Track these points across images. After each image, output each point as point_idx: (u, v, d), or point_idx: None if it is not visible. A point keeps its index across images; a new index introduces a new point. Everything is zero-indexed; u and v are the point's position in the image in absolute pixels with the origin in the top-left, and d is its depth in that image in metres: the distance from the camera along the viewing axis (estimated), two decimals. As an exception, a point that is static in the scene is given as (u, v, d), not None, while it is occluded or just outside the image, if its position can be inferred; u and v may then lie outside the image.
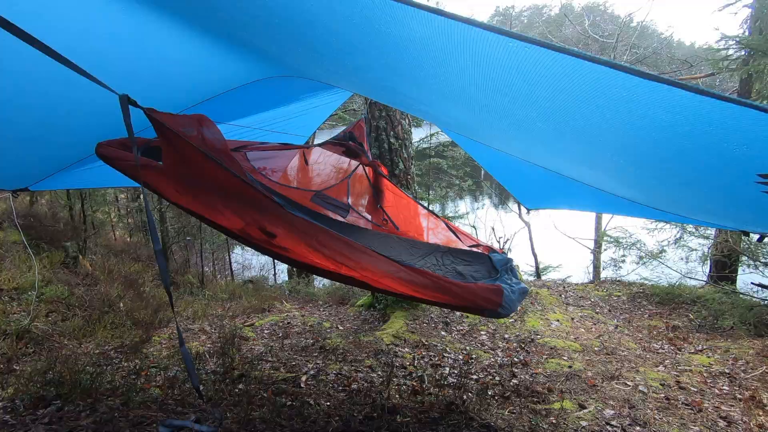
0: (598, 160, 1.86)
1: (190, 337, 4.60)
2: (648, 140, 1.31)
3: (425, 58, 1.44)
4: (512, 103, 1.49)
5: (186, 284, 7.76)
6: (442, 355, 3.84)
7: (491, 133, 2.39)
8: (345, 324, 5.12)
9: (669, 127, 1.15)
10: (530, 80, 1.20)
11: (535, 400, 2.95)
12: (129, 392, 2.50)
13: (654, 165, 1.57)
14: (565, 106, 1.33)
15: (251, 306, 6.12)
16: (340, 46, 1.78)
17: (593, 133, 1.45)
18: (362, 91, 3.03)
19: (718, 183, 1.45)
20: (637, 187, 2.11)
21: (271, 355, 3.87)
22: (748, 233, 2.42)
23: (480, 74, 1.33)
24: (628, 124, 1.25)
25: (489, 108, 1.73)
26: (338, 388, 2.97)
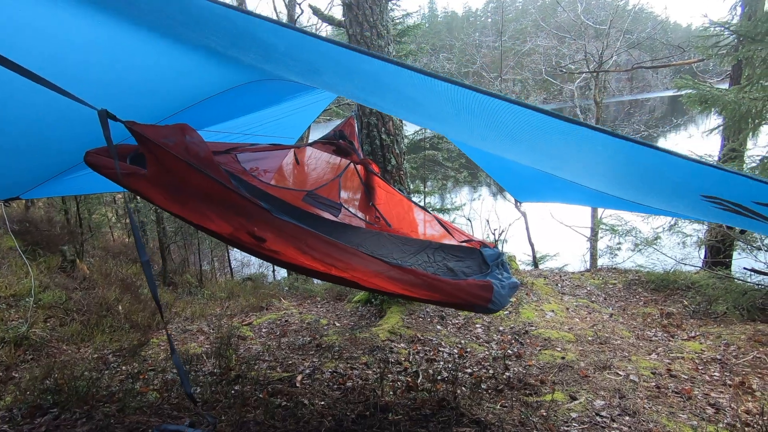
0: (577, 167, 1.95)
1: (188, 338, 4.64)
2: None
3: (381, 81, 1.59)
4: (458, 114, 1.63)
5: (185, 284, 7.81)
6: (437, 350, 3.89)
7: (462, 134, 2.48)
8: (342, 320, 5.17)
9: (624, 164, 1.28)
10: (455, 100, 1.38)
11: (527, 393, 2.99)
12: (125, 398, 2.53)
13: (628, 181, 1.67)
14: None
15: (249, 304, 6.17)
16: (308, 68, 1.84)
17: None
18: (340, 93, 3.07)
19: (678, 196, 1.56)
20: (615, 187, 2.17)
21: (268, 354, 3.91)
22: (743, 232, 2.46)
23: (415, 91, 1.51)
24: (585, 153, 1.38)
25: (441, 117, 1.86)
26: (333, 386, 3.01)
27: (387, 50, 4.84)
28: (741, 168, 5.74)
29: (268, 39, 1.50)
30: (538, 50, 13.41)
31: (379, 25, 4.74)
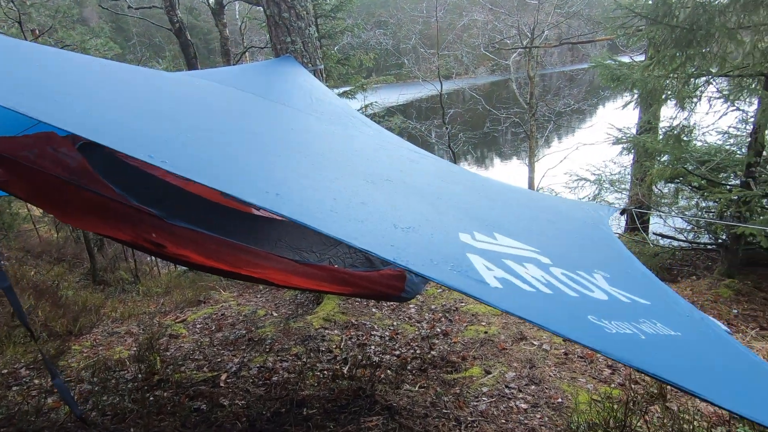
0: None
1: (115, 341, 4.45)
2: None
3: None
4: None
5: (117, 281, 7.42)
6: (369, 334, 3.98)
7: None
8: (280, 309, 5.14)
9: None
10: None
11: (448, 370, 3.15)
12: (21, 422, 2.41)
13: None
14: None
15: (186, 299, 5.98)
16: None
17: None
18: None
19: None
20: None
21: (199, 353, 3.84)
22: (624, 211, 2.66)
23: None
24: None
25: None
26: (258, 382, 3.02)
27: (308, 32, 4.67)
28: (656, 138, 6.16)
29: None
30: (477, 24, 13.52)
31: (298, 6, 4.54)
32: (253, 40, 14.39)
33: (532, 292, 0.87)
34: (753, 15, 4.01)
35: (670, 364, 0.83)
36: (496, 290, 0.83)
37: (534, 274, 0.95)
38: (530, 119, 11.44)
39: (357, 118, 2.87)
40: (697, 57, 4.40)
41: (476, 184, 2.00)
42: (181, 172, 0.83)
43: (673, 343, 0.91)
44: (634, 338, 0.84)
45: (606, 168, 7.94)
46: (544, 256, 1.10)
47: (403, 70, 15.22)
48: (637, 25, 4.55)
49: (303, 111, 2.33)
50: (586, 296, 0.95)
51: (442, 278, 0.81)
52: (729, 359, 0.95)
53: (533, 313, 0.80)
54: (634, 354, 0.80)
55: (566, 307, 0.88)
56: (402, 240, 0.92)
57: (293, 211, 0.84)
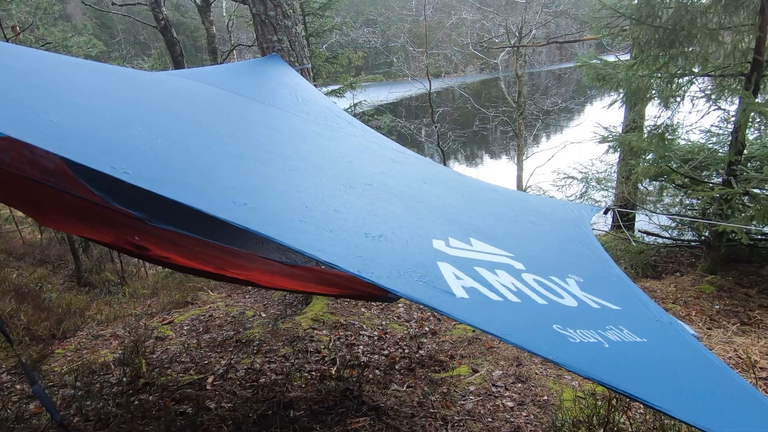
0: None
1: (100, 344, 4.39)
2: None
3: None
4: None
5: (103, 283, 7.32)
6: (358, 334, 3.98)
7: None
8: (269, 310, 5.12)
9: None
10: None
11: (436, 370, 3.17)
12: (1, 428, 2.36)
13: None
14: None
15: (173, 300, 5.91)
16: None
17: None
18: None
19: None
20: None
21: (186, 355, 3.80)
22: (608, 210, 2.72)
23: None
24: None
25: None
26: (245, 384, 3.00)
27: (295, 30, 4.64)
28: (641, 137, 6.24)
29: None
30: (465, 23, 13.55)
31: (285, 4, 4.51)
32: (241, 38, 14.25)
33: (499, 302, 0.87)
34: (734, 16, 4.08)
35: (629, 374, 0.84)
36: (461, 301, 0.83)
37: (505, 281, 0.96)
38: (518, 118, 11.52)
39: (343, 118, 2.86)
40: (680, 57, 4.46)
41: (460, 185, 2.01)
42: (144, 183, 0.81)
43: (636, 350, 0.92)
44: (597, 347, 0.85)
45: (593, 166, 8.03)
46: (518, 262, 1.11)
47: (392, 69, 15.20)
48: (621, 25, 4.60)
49: (288, 111, 2.31)
50: (555, 303, 0.96)
51: (405, 291, 0.81)
52: (691, 366, 0.97)
53: (496, 326, 0.80)
54: (594, 365, 0.81)
55: (532, 317, 0.89)
56: (371, 250, 0.91)
57: (260, 222, 0.83)
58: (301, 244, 0.80)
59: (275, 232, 0.80)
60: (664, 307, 4.52)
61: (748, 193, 4.46)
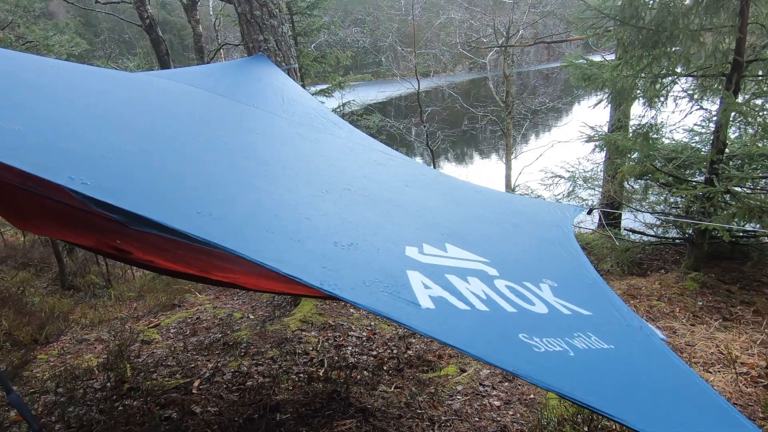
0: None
1: (84, 348, 4.32)
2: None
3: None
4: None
5: (88, 286, 7.20)
6: (347, 335, 3.97)
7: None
8: (257, 312, 5.08)
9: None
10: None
11: (424, 370, 3.17)
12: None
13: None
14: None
15: (160, 303, 5.84)
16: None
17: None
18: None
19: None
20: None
21: (172, 358, 3.76)
22: (591, 211, 2.74)
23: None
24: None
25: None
26: (232, 388, 2.97)
27: (281, 30, 4.60)
28: (626, 136, 6.32)
29: None
30: (453, 23, 13.60)
31: (270, 3, 4.47)
32: (228, 37, 14.11)
33: (466, 311, 0.87)
34: (714, 17, 4.14)
35: (590, 384, 0.84)
36: (426, 312, 0.83)
37: (475, 289, 0.96)
38: (507, 117, 11.59)
39: (329, 119, 2.85)
40: (663, 57, 4.52)
41: (444, 187, 2.01)
42: (101, 194, 0.79)
43: (602, 358, 0.92)
44: (561, 356, 0.85)
45: (580, 165, 8.09)
46: (493, 267, 1.11)
47: (381, 68, 15.19)
48: (606, 26, 4.65)
49: (273, 113, 2.29)
50: (524, 311, 0.96)
51: (368, 303, 0.81)
52: (657, 372, 0.98)
53: (458, 337, 0.80)
54: (556, 376, 0.81)
55: (498, 326, 0.89)
56: (338, 260, 0.90)
57: (222, 233, 0.81)
58: (263, 256, 0.78)
59: (236, 244, 0.79)
60: (649, 304, 4.59)
61: (729, 192, 4.54)
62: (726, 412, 0.84)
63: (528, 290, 1.07)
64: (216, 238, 0.81)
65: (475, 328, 0.86)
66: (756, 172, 4.85)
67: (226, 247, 0.77)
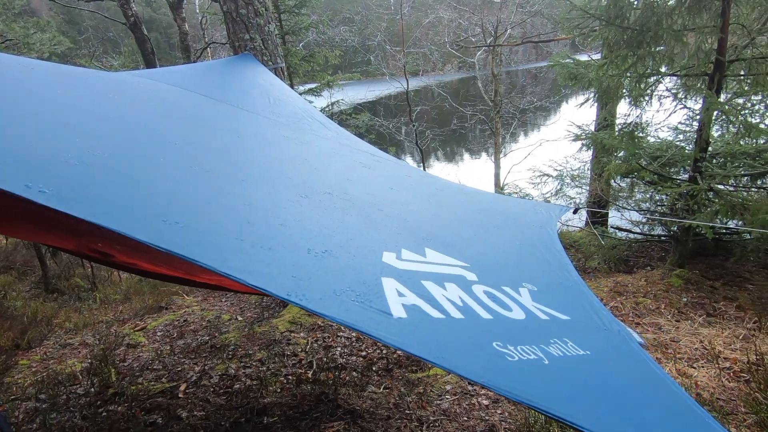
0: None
1: (68, 353, 4.24)
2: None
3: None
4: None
5: (72, 289, 7.07)
6: (336, 335, 3.95)
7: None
8: (245, 314, 5.04)
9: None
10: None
11: (413, 369, 3.17)
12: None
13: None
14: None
15: (146, 306, 5.76)
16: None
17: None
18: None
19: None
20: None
21: (158, 362, 3.71)
22: (576, 210, 2.77)
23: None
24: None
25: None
26: (219, 391, 2.94)
27: (267, 29, 4.56)
28: (612, 135, 6.39)
29: None
30: (442, 22, 13.63)
31: (256, 2, 4.43)
32: (215, 36, 13.96)
33: (440, 320, 0.86)
34: (697, 18, 4.20)
35: (563, 395, 0.83)
36: (397, 322, 0.82)
37: (452, 296, 0.95)
38: (495, 116, 11.66)
39: (316, 119, 2.82)
40: (647, 57, 4.58)
41: (429, 189, 2.00)
42: (59, 203, 0.75)
43: (577, 366, 0.92)
44: (535, 365, 0.84)
45: (567, 164, 8.16)
46: (472, 272, 1.10)
47: (370, 67, 15.15)
48: (591, 25, 4.70)
49: (258, 114, 2.26)
50: (501, 318, 0.96)
51: (336, 314, 0.79)
52: (632, 378, 0.98)
53: (429, 348, 0.79)
54: (528, 386, 0.80)
55: (472, 335, 0.88)
56: (310, 268, 0.88)
57: (187, 243, 0.79)
58: (229, 266, 0.76)
59: (202, 254, 0.77)
60: (635, 301, 4.64)
61: (712, 189, 4.61)
62: (699, 418, 0.84)
63: (506, 295, 1.06)
64: (178, 248, 0.79)
65: (448, 338, 0.85)
66: (738, 170, 4.94)
67: (189, 258, 0.75)
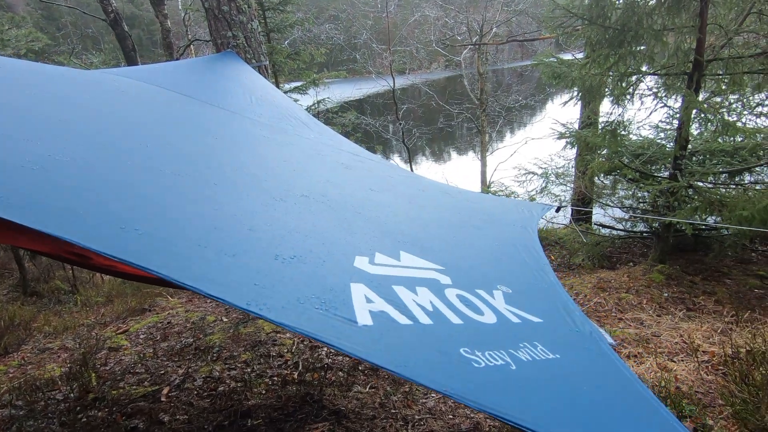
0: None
1: (47, 357, 4.14)
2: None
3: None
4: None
5: (52, 292, 6.90)
6: (322, 335, 3.93)
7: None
8: (230, 315, 4.98)
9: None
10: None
11: (399, 369, 3.17)
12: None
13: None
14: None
15: (129, 308, 5.65)
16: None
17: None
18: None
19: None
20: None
21: (141, 365, 3.64)
22: (559, 209, 2.80)
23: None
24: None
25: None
26: (203, 394, 2.90)
27: (250, 26, 4.50)
28: (596, 133, 6.47)
29: None
30: (428, 20, 13.66)
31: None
32: (199, 33, 13.75)
33: (407, 326, 0.85)
34: (676, 18, 4.28)
35: (527, 402, 0.83)
36: (361, 330, 0.81)
37: (422, 300, 0.94)
38: (482, 114, 11.73)
39: (299, 119, 2.79)
40: (628, 56, 4.64)
41: (411, 190, 1.99)
42: (6, 212, 0.72)
43: (544, 371, 0.92)
44: (501, 371, 0.84)
45: (552, 162, 8.24)
46: (446, 276, 1.10)
47: (356, 65, 15.10)
48: (574, 25, 4.74)
49: (238, 114, 2.23)
50: (471, 322, 0.96)
51: (294, 323, 0.77)
52: (599, 382, 0.99)
53: (391, 357, 0.78)
54: (491, 394, 0.79)
55: (439, 341, 0.87)
56: (275, 275, 0.86)
57: (144, 251, 0.77)
58: (185, 275, 0.74)
59: (159, 263, 0.74)
60: (618, 297, 4.72)
61: (692, 186, 4.71)
62: (663, 419, 0.86)
63: (479, 299, 1.06)
64: (133, 257, 0.76)
65: (413, 345, 0.84)
66: (716, 168, 5.05)
67: (143, 266, 0.73)
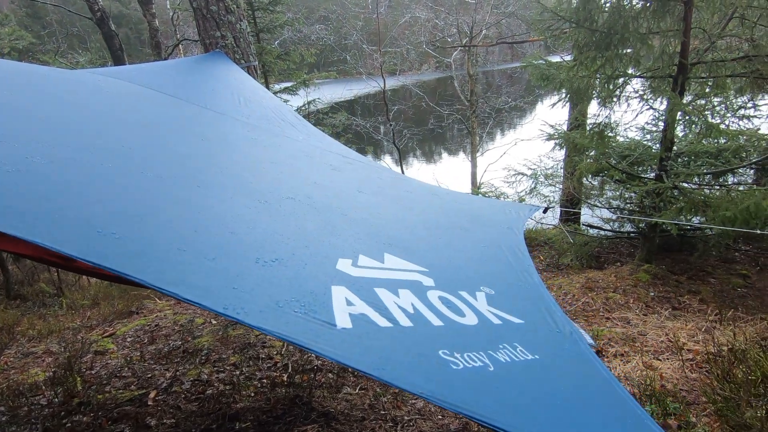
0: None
1: (31, 362, 4.06)
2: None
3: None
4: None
5: (36, 295, 6.78)
6: (312, 337, 3.92)
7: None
8: (219, 317, 4.94)
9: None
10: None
11: (389, 370, 3.17)
12: None
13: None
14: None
15: (116, 311, 5.58)
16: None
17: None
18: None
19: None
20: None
21: (127, 369, 3.59)
22: (546, 209, 2.82)
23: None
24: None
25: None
26: (191, 398, 2.87)
27: (239, 26, 4.47)
28: (584, 134, 6.54)
29: None
30: (419, 22, 13.72)
31: (228, -1, 4.34)
32: (187, 33, 13.63)
33: (387, 329, 0.86)
34: (661, 22, 4.35)
35: (503, 402, 0.84)
36: (340, 333, 0.81)
37: (404, 303, 0.95)
38: (472, 116, 11.80)
39: (288, 120, 2.78)
40: (615, 59, 4.71)
41: (399, 191, 1.99)
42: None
43: (522, 372, 0.93)
44: (479, 372, 0.84)
45: (541, 163, 8.33)
46: (429, 277, 1.11)
47: (346, 66, 15.10)
48: (562, 27, 4.80)
49: (225, 115, 2.21)
50: (452, 324, 0.96)
51: (272, 327, 0.77)
52: (576, 383, 1.00)
53: (369, 360, 0.78)
54: (468, 396, 0.79)
55: (418, 344, 0.88)
56: (254, 279, 0.86)
57: (121, 255, 0.76)
58: (162, 279, 0.74)
59: (135, 268, 0.74)
60: (606, 296, 4.78)
61: (677, 187, 4.79)
62: (639, 419, 0.87)
63: (462, 300, 1.07)
64: (109, 261, 0.76)
65: (392, 348, 0.85)
66: (701, 169, 5.14)
67: (118, 271, 0.73)
